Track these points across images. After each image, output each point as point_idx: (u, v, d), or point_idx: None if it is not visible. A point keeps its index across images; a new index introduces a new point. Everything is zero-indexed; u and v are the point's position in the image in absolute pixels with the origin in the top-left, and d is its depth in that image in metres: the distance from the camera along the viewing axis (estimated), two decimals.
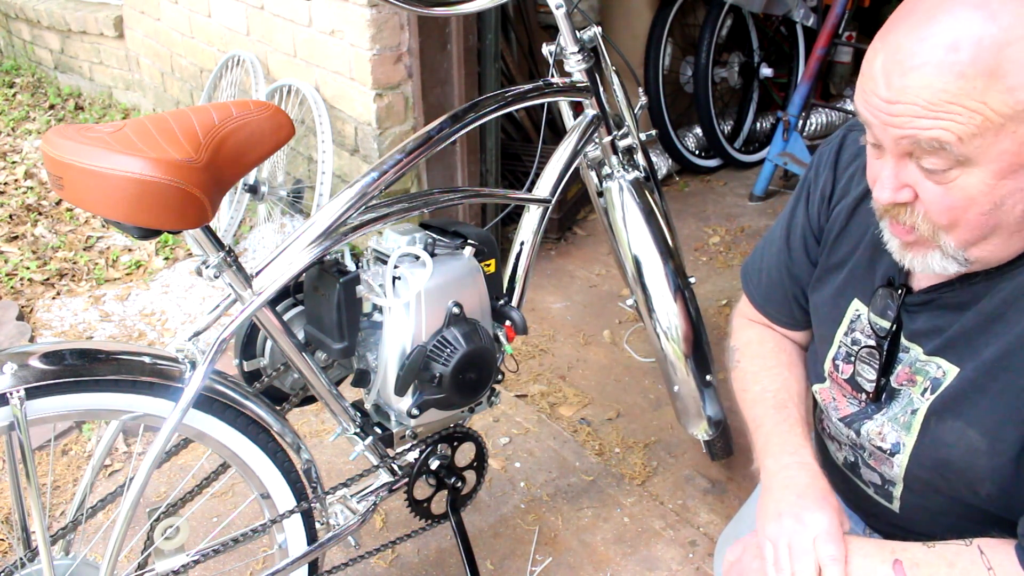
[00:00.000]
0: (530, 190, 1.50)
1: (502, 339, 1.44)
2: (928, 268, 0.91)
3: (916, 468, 1.01)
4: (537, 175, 1.52)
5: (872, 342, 1.04)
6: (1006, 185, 0.81)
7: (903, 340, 1.02)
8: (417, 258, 1.27)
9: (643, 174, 1.69)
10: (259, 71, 2.89)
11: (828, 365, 1.13)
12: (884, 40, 0.83)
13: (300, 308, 1.36)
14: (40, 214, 3.22)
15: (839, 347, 1.11)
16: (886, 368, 1.03)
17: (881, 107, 0.82)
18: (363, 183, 1.20)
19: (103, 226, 3.16)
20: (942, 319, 0.98)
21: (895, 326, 1.02)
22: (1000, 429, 0.91)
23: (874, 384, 1.04)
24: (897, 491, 1.07)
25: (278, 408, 1.32)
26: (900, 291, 1.01)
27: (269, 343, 1.35)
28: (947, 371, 0.97)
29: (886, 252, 0.96)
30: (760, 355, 1.26)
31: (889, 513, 1.11)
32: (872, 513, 1.16)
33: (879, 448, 1.05)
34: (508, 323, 1.44)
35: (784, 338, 1.28)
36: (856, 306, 1.08)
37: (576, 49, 1.51)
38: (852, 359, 1.08)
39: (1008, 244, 0.88)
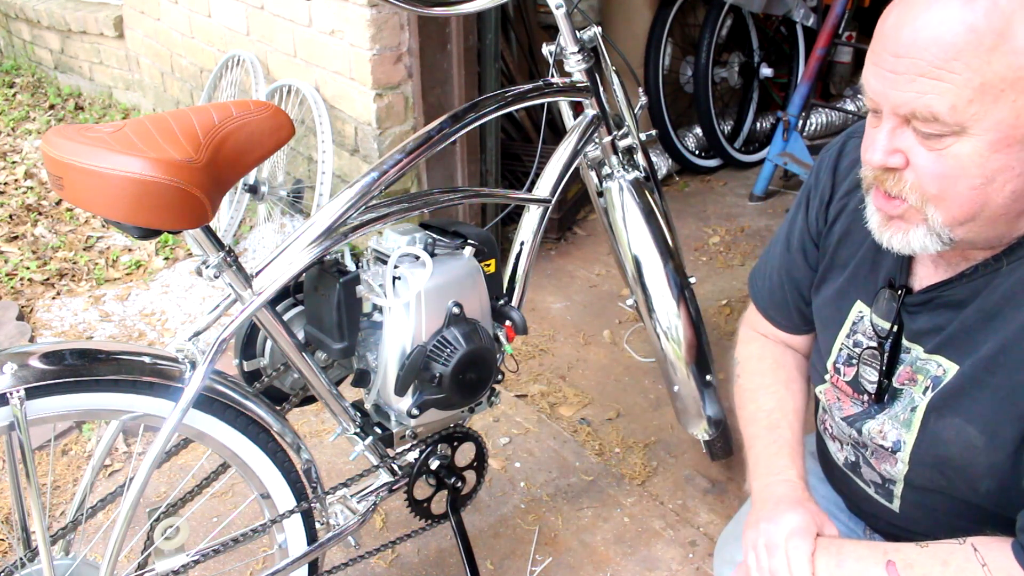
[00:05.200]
0: (530, 190, 1.50)
1: (502, 339, 1.44)
2: (909, 246, 0.91)
3: (917, 466, 1.02)
4: (537, 175, 1.52)
5: (874, 344, 1.04)
6: (999, 159, 0.82)
7: (904, 341, 1.03)
8: (417, 258, 1.27)
9: (643, 174, 1.69)
10: (259, 71, 2.89)
11: (830, 367, 1.13)
12: None
13: (300, 308, 1.36)
14: (40, 214, 3.22)
15: (840, 349, 1.11)
16: (888, 370, 1.03)
17: (887, 63, 0.83)
18: (363, 183, 1.20)
19: (103, 226, 3.16)
20: (942, 317, 0.98)
21: (896, 327, 1.02)
22: (997, 425, 0.91)
23: (876, 386, 1.04)
24: (898, 490, 1.07)
25: (278, 408, 1.32)
26: (900, 291, 1.01)
27: (269, 343, 1.35)
28: (947, 369, 0.97)
29: (888, 254, 0.96)
30: (759, 372, 1.27)
31: (889, 513, 1.11)
32: (872, 514, 1.16)
33: (881, 446, 1.05)
34: (508, 323, 1.44)
35: (786, 351, 1.28)
36: (859, 308, 1.08)
37: (576, 49, 1.51)
38: (854, 361, 1.08)
39: (994, 227, 0.88)
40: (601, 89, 1.56)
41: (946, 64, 0.79)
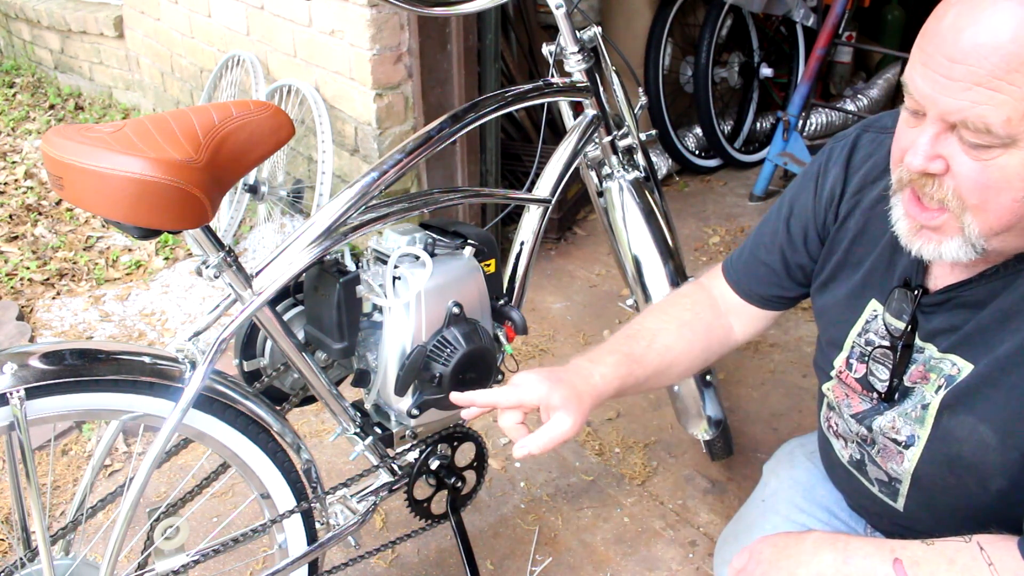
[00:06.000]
0: (530, 190, 1.50)
1: (502, 339, 1.44)
2: (939, 255, 0.89)
3: (927, 463, 1.01)
4: (537, 175, 1.52)
5: (887, 343, 1.04)
6: None
7: (918, 340, 1.02)
8: (417, 258, 1.27)
9: (643, 174, 1.69)
10: (259, 71, 2.89)
11: (840, 364, 1.12)
12: None
13: (300, 308, 1.36)
14: (40, 214, 3.22)
15: (852, 347, 1.10)
16: (899, 369, 1.03)
17: (942, 67, 0.79)
18: (363, 183, 1.20)
19: (103, 226, 3.16)
20: (958, 317, 0.97)
21: (910, 327, 1.01)
22: (1011, 425, 0.91)
23: (887, 384, 1.04)
24: (903, 488, 1.07)
25: (278, 408, 1.32)
26: (916, 292, 1.00)
27: (269, 343, 1.35)
28: (962, 368, 0.96)
29: (905, 253, 0.94)
30: (669, 303, 1.27)
31: (892, 512, 1.11)
32: (875, 512, 1.16)
33: (894, 440, 1.04)
34: (508, 323, 1.44)
35: (715, 308, 1.26)
36: (873, 306, 1.07)
37: (576, 49, 1.51)
38: (866, 359, 1.08)
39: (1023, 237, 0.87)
40: (601, 89, 1.56)
41: (1007, 75, 0.75)
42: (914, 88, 0.83)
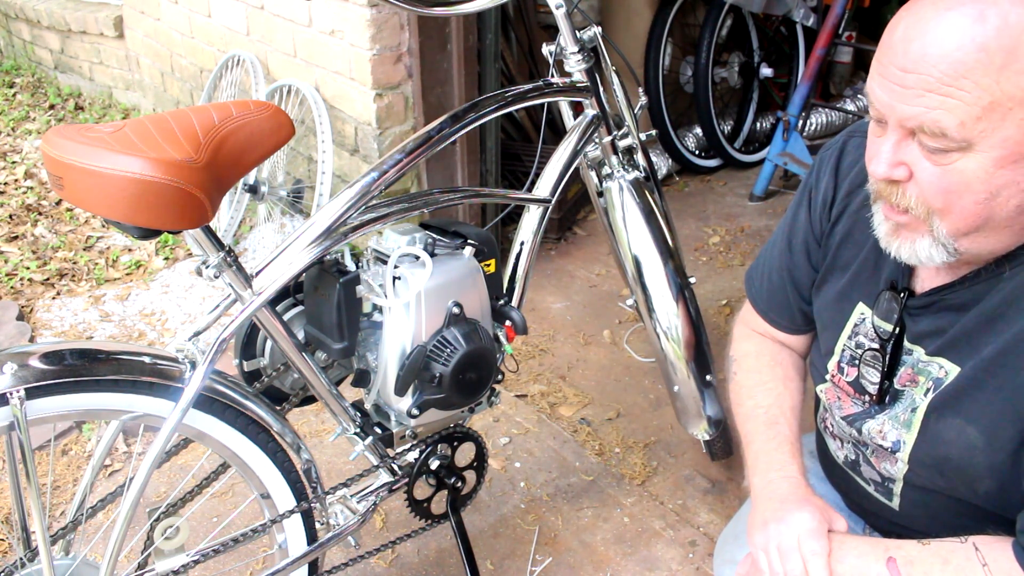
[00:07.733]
0: (530, 190, 1.50)
1: (502, 339, 1.44)
2: (915, 256, 0.91)
3: (916, 466, 1.02)
4: (537, 175, 1.52)
5: (876, 345, 1.04)
6: (1004, 175, 0.81)
7: (906, 343, 1.03)
8: (417, 258, 1.27)
9: (643, 174, 1.69)
10: (259, 71, 2.89)
11: (832, 368, 1.13)
12: (910, 9, 0.83)
13: (300, 308, 1.36)
14: (40, 214, 3.22)
15: (843, 350, 1.11)
16: (890, 371, 1.03)
17: (895, 76, 0.82)
18: (363, 183, 1.20)
19: (103, 226, 3.16)
20: (944, 320, 0.98)
21: (898, 329, 1.02)
22: (997, 426, 0.92)
23: (878, 387, 1.04)
24: (897, 488, 1.07)
25: (278, 408, 1.32)
26: (903, 294, 1.01)
27: (269, 343, 1.35)
28: (949, 371, 0.97)
29: (890, 256, 0.96)
30: (756, 369, 1.26)
31: (889, 511, 1.11)
32: (872, 512, 1.16)
33: (880, 446, 1.05)
34: (508, 323, 1.44)
35: (783, 349, 1.28)
36: (861, 309, 1.08)
37: (576, 49, 1.51)
38: (856, 362, 1.08)
39: (999, 238, 0.88)
40: (601, 89, 1.56)
41: (955, 81, 0.78)
42: (875, 98, 0.86)
